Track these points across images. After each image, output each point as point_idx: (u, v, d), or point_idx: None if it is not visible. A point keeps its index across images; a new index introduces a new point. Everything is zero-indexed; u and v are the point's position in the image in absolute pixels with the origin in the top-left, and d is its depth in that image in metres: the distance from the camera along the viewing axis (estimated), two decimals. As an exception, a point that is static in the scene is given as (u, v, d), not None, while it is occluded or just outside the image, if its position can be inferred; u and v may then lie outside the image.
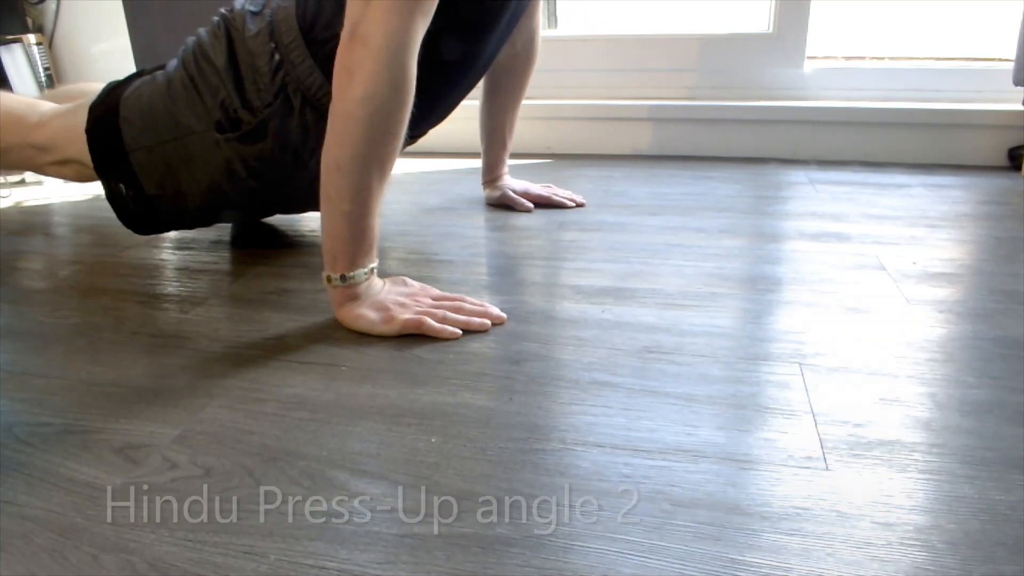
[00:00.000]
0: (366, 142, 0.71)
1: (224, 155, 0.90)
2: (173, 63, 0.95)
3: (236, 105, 0.88)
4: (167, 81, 0.92)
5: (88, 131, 0.95)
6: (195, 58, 0.91)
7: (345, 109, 0.70)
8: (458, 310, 0.77)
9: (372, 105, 0.69)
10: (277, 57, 0.87)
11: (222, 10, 0.93)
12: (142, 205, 0.96)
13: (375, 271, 0.77)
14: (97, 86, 1.08)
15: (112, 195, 0.97)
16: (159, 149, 0.92)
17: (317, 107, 0.89)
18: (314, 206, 1.02)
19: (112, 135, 0.93)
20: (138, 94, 0.94)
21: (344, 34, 0.70)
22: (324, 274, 0.76)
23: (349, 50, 0.69)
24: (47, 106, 1.05)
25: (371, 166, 0.72)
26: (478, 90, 1.19)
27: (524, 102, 1.22)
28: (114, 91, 0.96)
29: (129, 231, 1.12)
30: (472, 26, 0.88)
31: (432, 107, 0.96)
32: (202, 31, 0.94)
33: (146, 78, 0.96)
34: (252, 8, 0.91)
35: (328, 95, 0.88)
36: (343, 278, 0.75)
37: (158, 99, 0.92)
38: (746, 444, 0.55)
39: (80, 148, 0.97)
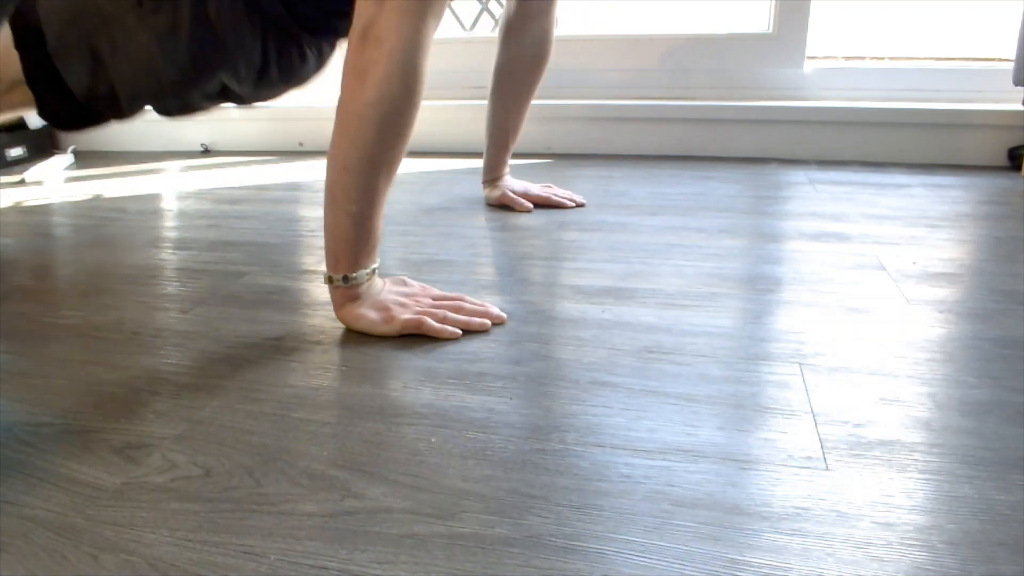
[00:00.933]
0: (376, 144, 0.70)
1: (145, 36, 0.86)
2: None
3: None
4: None
5: (17, 45, 0.90)
6: None
7: (357, 111, 0.70)
8: (458, 310, 0.77)
9: (384, 107, 0.69)
10: None
11: None
12: (74, 110, 0.93)
13: (376, 271, 0.77)
14: None
15: (43, 105, 0.93)
16: (84, 43, 0.88)
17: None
18: (249, 101, 0.98)
19: (37, 40, 0.89)
20: None
21: (354, 35, 0.70)
22: (326, 274, 0.76)
23: (361, 52, 0.69)
24: None
25: (379, 168, 0.72)
26: (479, 89, 1.18)
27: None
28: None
29: (128, 229, 1.12)
30: None
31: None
32: None
33: None
34: None
35: None
36: (345, 279, 0.75)
37: None
38: (746, 444, 0.55)
39: (17, 67, 0.92)
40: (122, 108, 0.94)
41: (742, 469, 0.52)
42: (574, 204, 1.19)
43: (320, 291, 0.87)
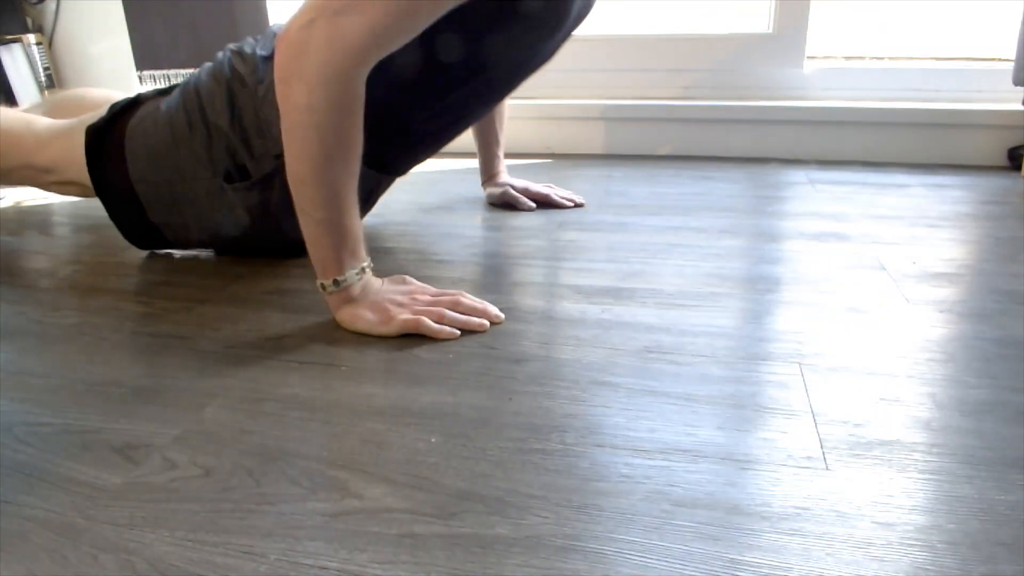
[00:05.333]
0: (320, 152, 0.69)
1: (229, 200, 0.90)
2: (175, 98, 0.93)
3: (244, 156, 0.88)
4: (169, 122, 0.91)
5: (89, 162, 0.94)
6: (199, 106, 0.89)
7: (294, 119, 0.69)
8: (456, 305, 0.76)
9: (317, 114, 0.68)
10: None
11: (230, 48, 0.92)
12: (145, 228, 0.96)
13: (367, 269, 0.77)
14: (94, 93, 1.07)
15: (116, 217, 0.97)
16: (166, 186, 0.92)
17: None
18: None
19: (118, 165, 0.93)
20: (143, 129, 0.92)
21: (281, 44, 0.68)
22: (318, 283, 0.76)
23: (289, 59, 0.68)
24: (44, 123, 1.04)
25: (333, 171, 0.71)
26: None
27: (524, 102, 1.22)
28: (118, 118, 0.95)
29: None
30: (473, 25, 0.81)
31: (441, 117, 0.91)
32: (205, 73, 0.92)
33: (149, 107, 0.94)
34: (263, 53, 0.89)
35: None
36: (336, 283, 0.74)
37: (161, 140, 0.91)
38: (746, 444, 0.55)
39: (82, 171, 0.96)
40: (192, 243, 0.99)
41: (742, 469, 0.52)
42: (573, 204, 1.19)
43: (320, 291, 0.87)
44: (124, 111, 0.96)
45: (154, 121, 0.92)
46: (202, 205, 0.91)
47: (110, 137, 0.94)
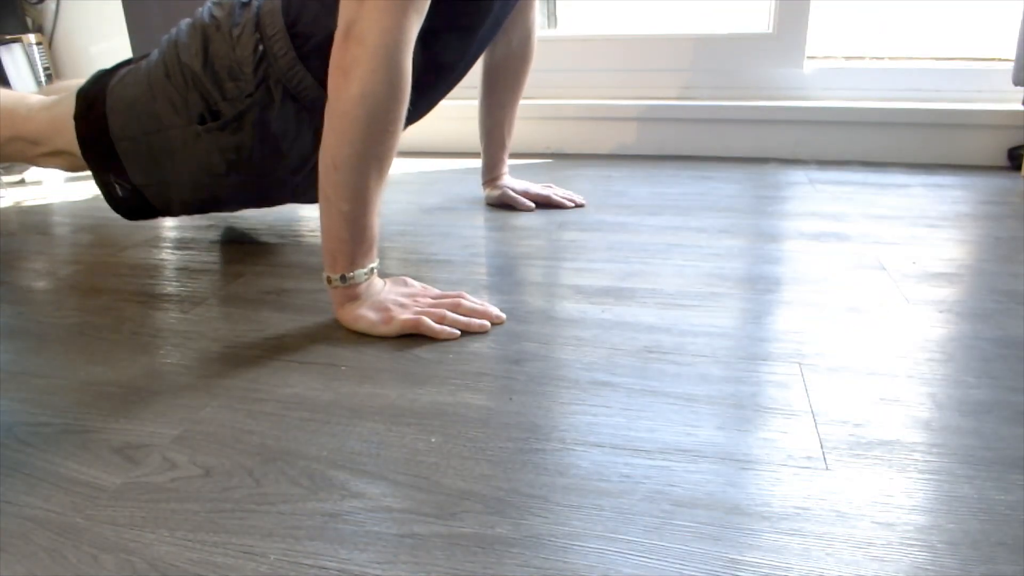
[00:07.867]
0: (363, 140, 0.71)
1: (204, 147, 0.91)
2: (155, 54, 0.95)
3: (216, 98, 0.89)
4: (148, 75, 0.93)
5: (76, 118, 0.96)
6: (175, 54, 0.91)
7: (342, 108, 0.70)
8: (456, 307, 0.77)
9: (369, 103, 0.70)
10: (261, 48, 0.87)
11: (209, 3, 0.94)
12: (130, 192, 0.97)
13: (375, 271, 0.77)
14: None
15: (101, 183, 0.98)
16: (144, 139, 0.93)
17: (298, 99, 0.89)
18: (297, 198, 1.02)
19: (99, 124, 0.94)
20: (123, 84, 0.94)
21: (338, 34, 0.70)
22: (324, 275, 0.76)
23: (344, 49, 0.70)
24: (35, 98, 1.06)
25: (369, 164, 0.72)
26: (475, 89, 1.19)
27: (524, 102, 1.22)
28: (101, 79, 0.97)
29: (127, 229, 1.12)
30: (458, 27, 0.89)
31: (415, 107, 0.96)
32: (183, 27, 0.94)
33: (132, 67, 0.97)
34: None
35: (308, 88, 0.88)
36: (343, 278, 0.75)
37: (140, 92, 0.93)
38: (746, 444, 0.55)
39: (69, 139, 0.98)
40: (175, 204, 0.99)
41: (742, 469, 0.52)
42: (573, 204, 1.19)
43: (320, 291, 0.87)
44: (109, 73, 0.98)
45: (135, 77, 0.94)
46: (178, 156, 0.92)
47: (94, 97, 0.96)
